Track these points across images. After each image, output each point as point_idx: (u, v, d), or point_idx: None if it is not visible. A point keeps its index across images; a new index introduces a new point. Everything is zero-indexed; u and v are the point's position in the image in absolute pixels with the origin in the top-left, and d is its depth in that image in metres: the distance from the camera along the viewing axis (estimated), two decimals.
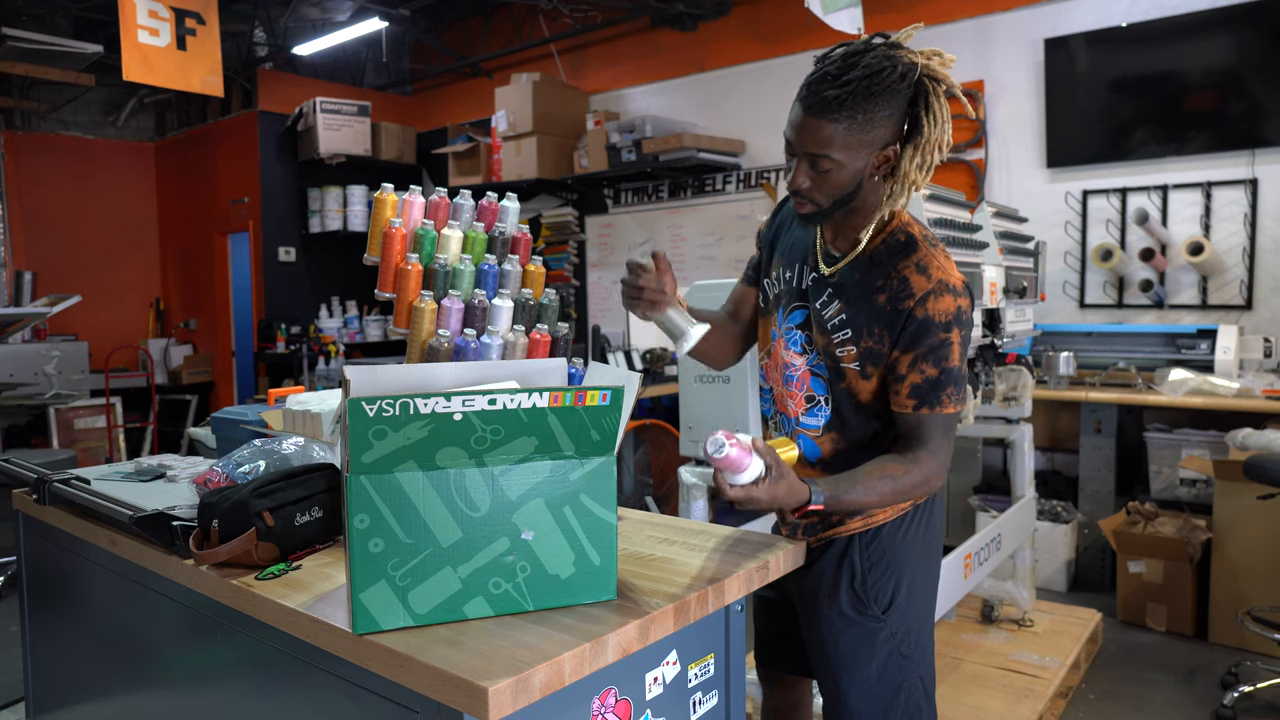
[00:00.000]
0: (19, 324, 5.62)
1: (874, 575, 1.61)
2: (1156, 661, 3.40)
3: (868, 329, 1.50)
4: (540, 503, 1.21)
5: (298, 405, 1.96)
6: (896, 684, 1.62)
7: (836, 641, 1.63)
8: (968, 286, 1.50)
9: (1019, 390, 3.11)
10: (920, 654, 1.66)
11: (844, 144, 1.40)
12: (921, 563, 1.66)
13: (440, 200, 1.73)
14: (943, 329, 1.45)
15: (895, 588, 1.61)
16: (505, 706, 1.00)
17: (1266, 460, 2.97)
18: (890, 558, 1.61)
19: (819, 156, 1.42)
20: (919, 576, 1.66)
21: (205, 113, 7.64)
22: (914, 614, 1.64)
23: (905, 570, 1.63)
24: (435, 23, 7.43)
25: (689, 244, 6.18)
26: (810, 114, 1.40)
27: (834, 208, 1.49)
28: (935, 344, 1.45)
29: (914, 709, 1.64)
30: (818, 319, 1.58)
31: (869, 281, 1.50)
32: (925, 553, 1.67)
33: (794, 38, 5.54)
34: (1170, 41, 4.28)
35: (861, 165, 1.43)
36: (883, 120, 1.40)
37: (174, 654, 1.62)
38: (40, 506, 1.89)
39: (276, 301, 7.17)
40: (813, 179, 1.46)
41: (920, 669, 1.66)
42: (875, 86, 1.38)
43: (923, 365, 1.46)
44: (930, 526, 1.68)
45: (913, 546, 1.64)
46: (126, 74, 4.70)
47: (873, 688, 1.61)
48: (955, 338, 1.46)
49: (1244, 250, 4.17)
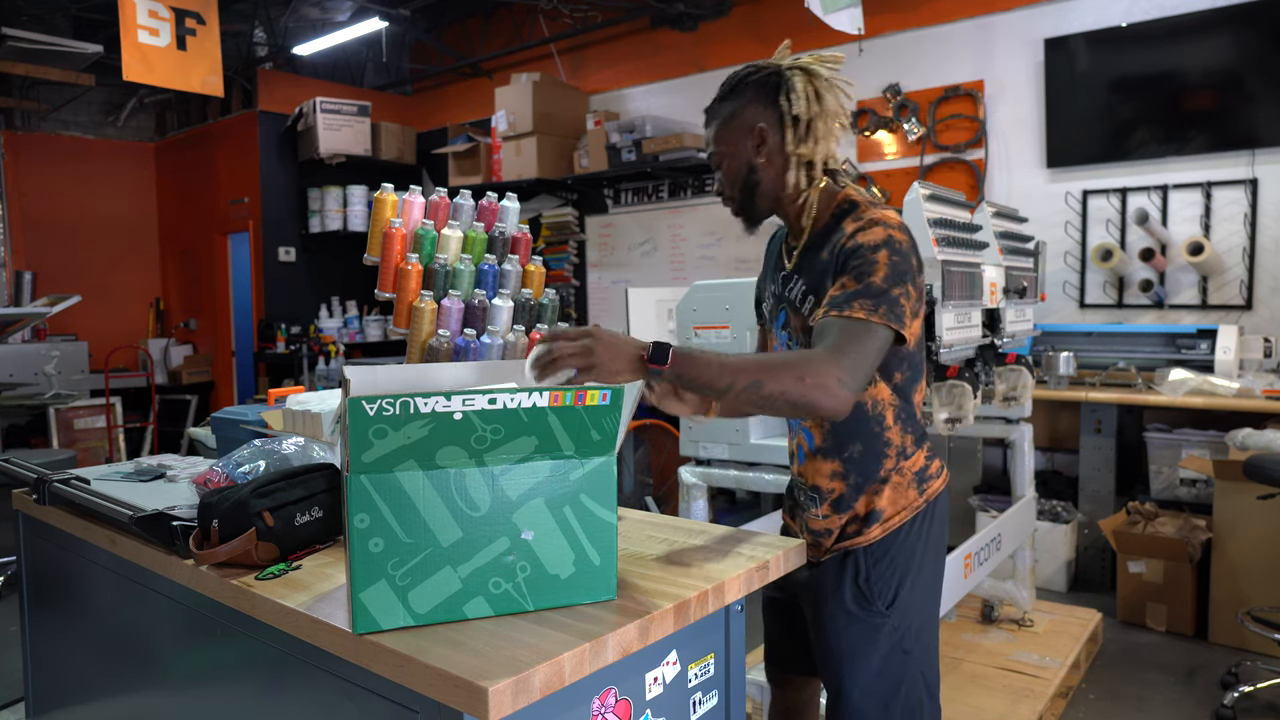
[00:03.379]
0: (19, 324, 5.61)
1: (878, 571, 1.63)
2: (1156, 661, 3.40)
3: (821, 285, 1.56)
4: (540, 502, 1.21)
5: (298, 405, 1.96)
6: (898, 679, 1.64)
7: (840, 637, 1.64)
8: (905, 228, 1.54)
9: (1019, 390, 3.11)
10: (923, 650, 1.68)
11: (721, 137, 1.65)
12: (927, 560, 1.67)
13: (440, 200, 1.73)
14: (869, 249, 1.48)
15: (899, 584, 1.63)
16: (505, 706, 1.00)
17: (1266, 460, 2.97)
18: (895, 554, 1.63)
19: (711, 154, 1.68)
20: (923, 574, 1.67)
21: (205, 113, 7.64)
22: (917, 610, 1.66)
23: (910, 567, 1.64)
24: (435, 23, 7.43)
25: (689, 244, 6.17)
26: (704, 126, 1.71)
27: (744, 197, 1.65)
28: (859, 262, 1.48)
29: (915, 704, 1.66)
30: (791, 305, 1.66)
31: (819, 248, 1.59)
32: (930, 550, 1.68)
33: (794, 38, 5.49)
34: (1170, 41, 4.28)
35: (742, 150, 1.61)
36: (747, 110, 1.61)
37: (174, 654, 1.62)
38: (40, 506, 1.89)
39: (276, 301, 7.17)
40: (719, 178, 1.68)
41: (922, 664, 1.67)
42: (736, 88, 1.64)
43: (844, 280, 1.49)
44: (936, 525, 1.69)
45: (918, 544, 1.65)
46: (126, 74, 4.70)
47: (874, 683, 1.63)
48: (882, 257, 1.47)
49: (1244, 250, 4.17)
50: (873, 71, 5.27)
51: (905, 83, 5.16)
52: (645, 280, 6.31)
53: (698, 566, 1.42)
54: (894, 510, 1.63)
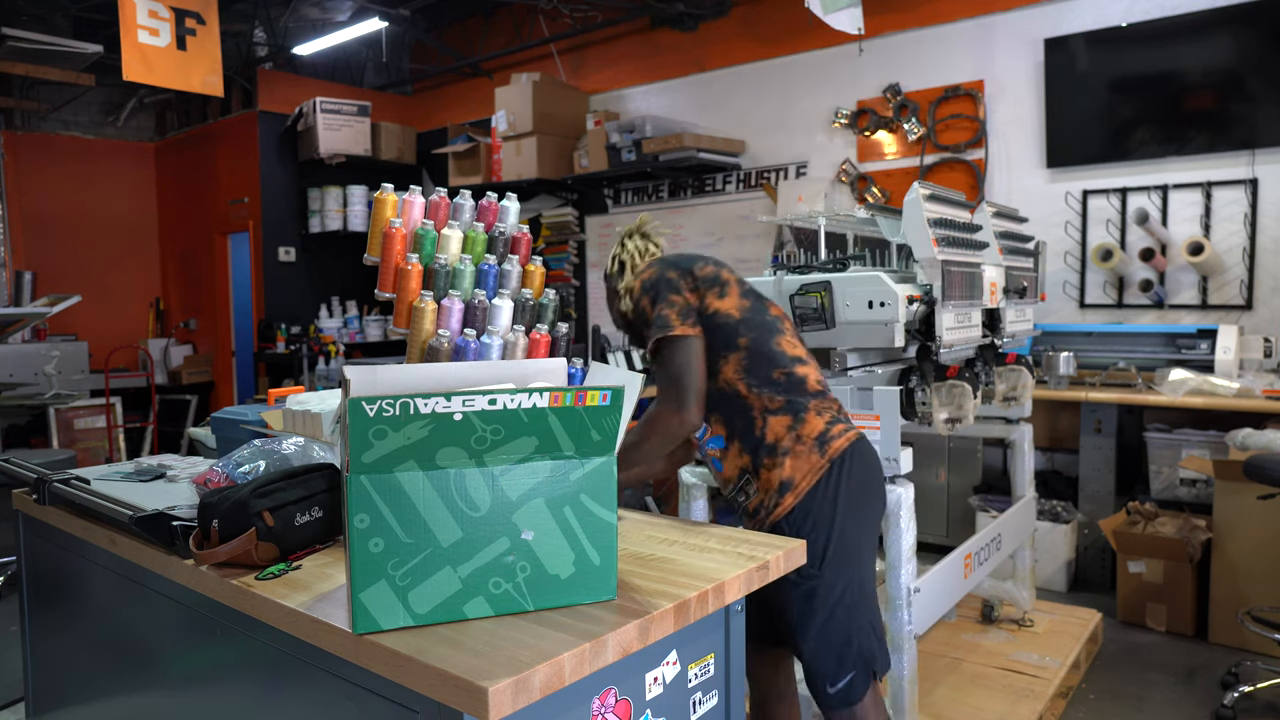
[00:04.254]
0: (19, 324, 5.61)
1: (802, 535, 1.77)
2: (1156, 661, 3.40)
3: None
4: (540, 503, 1.21)
5: (298, 405, 1.97)
6: (847, 632, 1.79)
7: (786, 605, 1.79)
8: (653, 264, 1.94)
9: (1019, 390, 3.11)
10: (865, 601, 1.83)
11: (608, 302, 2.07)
12: (849, 515, 1.81)
13: (440, 200, 1.74)
14: (636, 303, 1.91)
15: (826, 542, 1.78)
16: (505, 706, 1.00)
17: (1266, 460, 2.97)
18: (815, 515, 1.79)
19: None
20: (848, 528, 1.80)
21: (205, 113, 7.64)
22: (850, 563, 1.80)
23: (833, 525, 1.79)
24: (435, 23, 7.43)
25: (689, 244, 6.17)
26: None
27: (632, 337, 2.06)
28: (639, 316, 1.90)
29: (867, 654, 1.81)
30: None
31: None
32: (850, 501, 1.82)
33: (794, 38, 5.54)
34: (1170, 41, 4.28)
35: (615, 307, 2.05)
36: (611, 279, 2.07)
37: (174, 654, 1.62)
38: (40, 506, 1.89)
39: (276, 301, 7.17)
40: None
41: (869, 614, 1.83)
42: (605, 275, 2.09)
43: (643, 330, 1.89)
44: (850, 479, 1.82)
45: (836, 500, 1.80)
46: (126, 74, 4.70)
47: (825, 640, 1.78)
48: (644, 302, 1.88)
49: (1244, 250, 4.17)
50: (873, 71, 5.27)
51: (905, 83, 5.16)
52: None
53: (698, 566, 1.42)
54: (801, 477, 1.80)
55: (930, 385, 2.43)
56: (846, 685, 1.79)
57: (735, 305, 1.88)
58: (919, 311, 2.38)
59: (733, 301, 1.89)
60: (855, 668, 1.79)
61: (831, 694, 1.81)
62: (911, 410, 2.42)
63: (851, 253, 3.17)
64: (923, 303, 2.38)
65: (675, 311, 1.81)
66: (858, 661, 1.79)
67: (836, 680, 1.79)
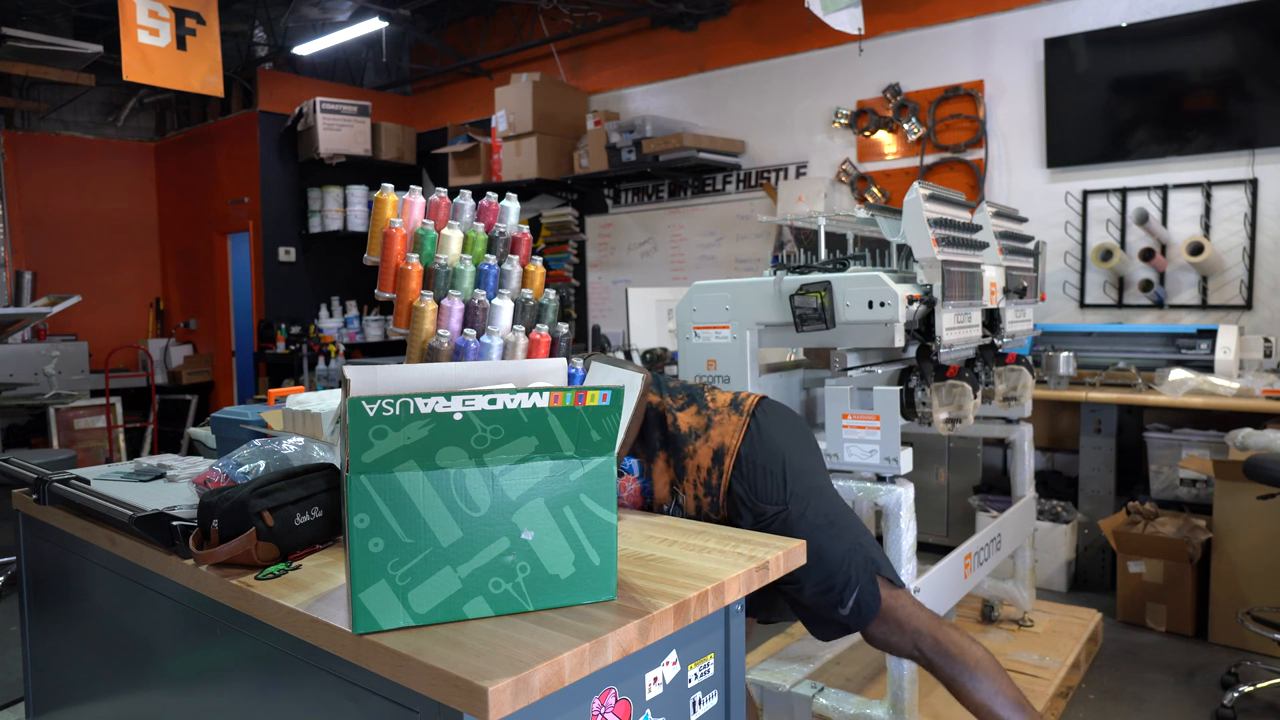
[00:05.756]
0: (19, 324, 5.61)
1: (754, 482, 1.81)
2: (1156, 661, 3.40)
3: None
4: (540, 503, 1.21)
5: (298, 405, 1.97)
6: (835, 552, 1.79)
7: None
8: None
9: (1019, 390, 3.11)
10: (842, 519, 1.84)
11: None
12: (789, 447, 1.85)
13: (440, 200, 1.74)
14: None
15: (780, 477, 1.81)
16: (505, 706, 1.00)
17: (1266, 460, 2.97)
18: (761, 461, 1.82)
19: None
20: (793, 456, 1.84)
21: (205, 113, 7.64)
22: (811, 491, 1.83)
23: (776, 459, 1.82)
24: (435, 23, 7.43)
25: (689, 244, 6.18)
26: None
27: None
28: None
29: (865, 562, 1.81)
30: None
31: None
32: (786, 436, 1.87)
33: (794, 38, 5.54)
34: (1170, 41, 4.28)
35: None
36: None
37: (174, 654, 1.62)
38: (40, 506, 1.89)
39: (276, 301, 7.17)
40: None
41: (852, 531, 1.83)
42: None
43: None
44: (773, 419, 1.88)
45: (770, 443, 1.84)
46: (126, 74, 4.70)
47: (816, 564, 1.75)
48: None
49: (1244, 250, 4.17)
50: (873, 71, 5.27)
51: (905, 83, 5.16)
52: (645, 280, 6.32)
53: (698, 566, 1.42)
54: (729, 438, 1.84)
55: (930, 385, 2.43)
56: (856, 600, 1.79)
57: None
58: (919, 311, 2.38)
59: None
60: (858, 580, 1.78)
61: (847, 615, 1.80)
62: (911, 410, 2.42)
63: (851, 253, 3.17)
64: (923, 303, 2.38)
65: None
66: (858, 571, 1.79)
67: (845, 600, 1.79)
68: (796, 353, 3.00)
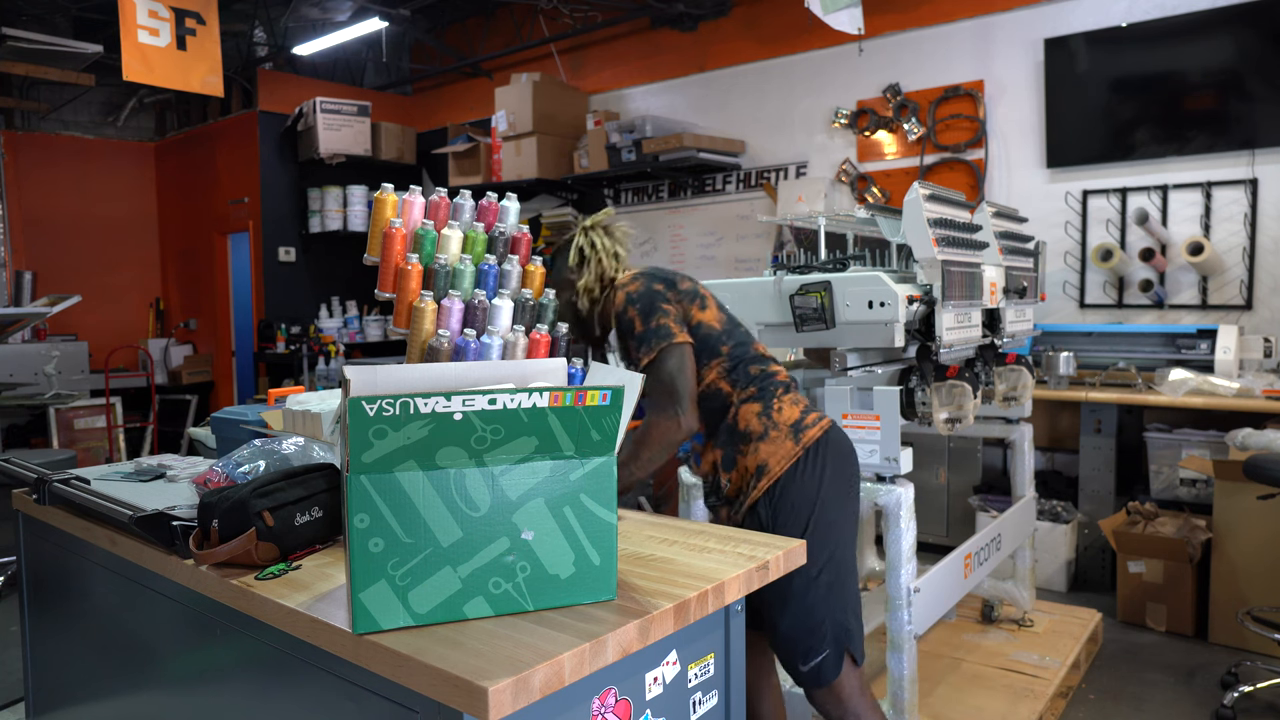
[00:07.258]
0: (19, 324, 5.61)
1: (780, 514, 1.87)
2: (1156, 661, 3.40)
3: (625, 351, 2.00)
4: (540, 503, 1.21)
5: (298, 405, 1.97)
6: (821, 612, 1.84)
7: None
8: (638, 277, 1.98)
9: (1019, 390, 3.11)
10: (842, 583, 1.88)
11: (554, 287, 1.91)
12: (829, 497, 1.89)
13: (440, 200, 1.74)
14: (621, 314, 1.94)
15: (807, 521, 1.85)
16: (505, 706, 1.00)
17: (1266, 460, 2.97)
18: (794, 499, 1.86)
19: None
20: (827, 509, 1.88)
21: (205, 113, 7.64)
22: (827, 545, 1.86)
23: (812, 506, 1.86)
24: (435, 23, 7.43)
25: (689, 244, 6.18)
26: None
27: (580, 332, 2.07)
28: (623, 326, 1.94)
29: (841, 635, 1.86)
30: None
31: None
32: (828, 486, 1.89)
33: (794, 38, 5.54)
34: (1170, 41, 4.28)
35: (566, 297, 2.04)
36: (561, 267, 2.09)
37: (174, 654, 1.62)
38: (40, 506, 1.89)
39: (276, 301, 7.17)
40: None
41: (846, 598, 1.88)
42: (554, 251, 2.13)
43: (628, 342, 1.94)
44: (826, 464, 1.90)
45: (811, 484, 1.88)
46: (126, 74, 4.70)
47: (798, 618, 1.84)
48: (630, 312, 1.93)
49: (1244, 250, 4.17)
50: (873, 71, 5.27)
51: (905, 83, 5.16)
52: None
53: (698, 566, 1.42)
54: (775, 461, 1.88)
55: (930, 385, 2.43)
56: (818, 665, 1.85)
57: (715, 317, 2.02)
58: (919, 311, 2.38)
59: (712, 314, 2.02)
60: (828, 647, 1.84)
61: (804, 672, 1.87)
62: (911, 410, 2.42)
63: (851, 253, 3.17)
64: (923, 303, 2.38)
65: (673, 320, 1.92)
66: (831, 641, 1.84)
67: (808, 659, 1.85)
68: (796, 353, 3.00)
